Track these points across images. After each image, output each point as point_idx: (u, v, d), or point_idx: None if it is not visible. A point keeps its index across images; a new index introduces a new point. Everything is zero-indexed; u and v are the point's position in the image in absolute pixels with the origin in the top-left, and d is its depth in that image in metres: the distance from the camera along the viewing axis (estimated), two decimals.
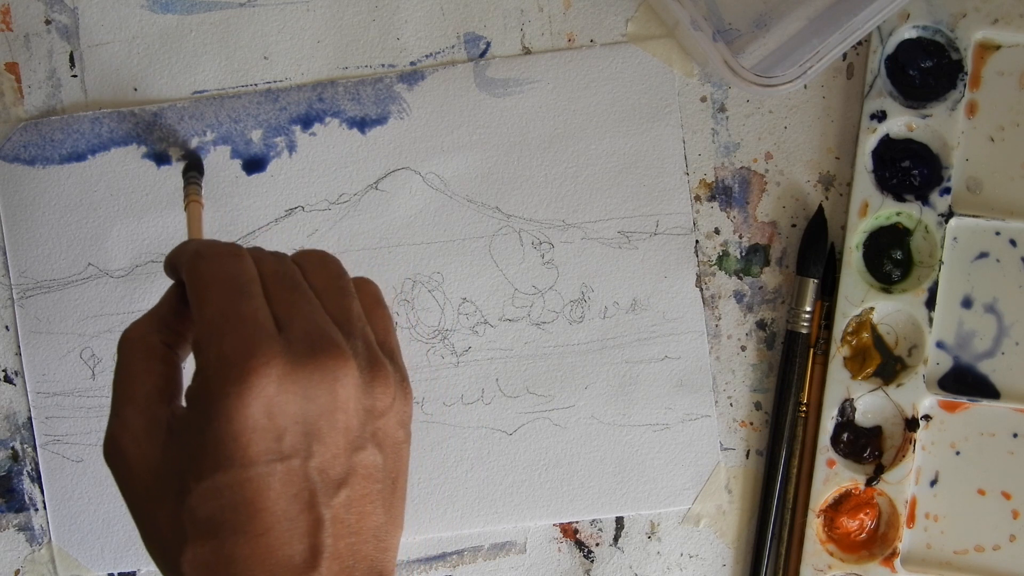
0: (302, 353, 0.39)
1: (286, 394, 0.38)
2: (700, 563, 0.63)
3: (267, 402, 0.38)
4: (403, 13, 0.63)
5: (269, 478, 0.38)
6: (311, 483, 0.39)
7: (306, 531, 0.39)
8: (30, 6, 0.62)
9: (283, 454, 0.38)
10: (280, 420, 0.38)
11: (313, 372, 0.39)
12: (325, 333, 0.40)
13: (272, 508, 0.38)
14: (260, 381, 0.38)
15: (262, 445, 0.38)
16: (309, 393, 0.39)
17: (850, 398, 0.61)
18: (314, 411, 0.39)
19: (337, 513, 0.39)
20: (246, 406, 0.38)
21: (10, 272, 0.62)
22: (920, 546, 0.61)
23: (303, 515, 0.39)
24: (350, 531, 0.40)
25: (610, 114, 0.62)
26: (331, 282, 0.43)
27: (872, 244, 0.62)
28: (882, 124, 0.61)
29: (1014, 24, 0.61)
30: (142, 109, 0.62)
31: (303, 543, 0.39)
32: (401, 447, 0.42)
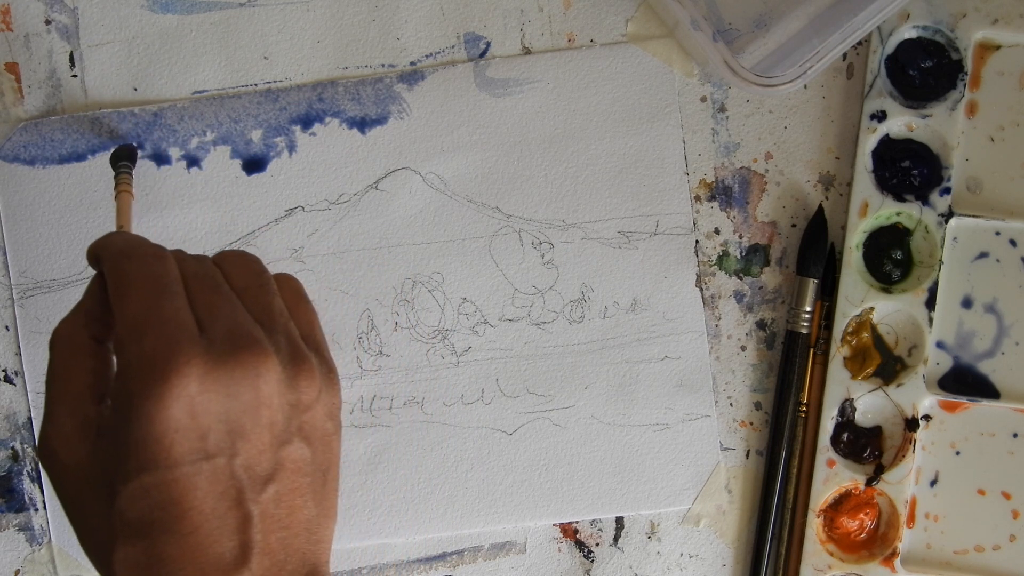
0: (223, 352, 0.39)
1: (208, 393, 0.39)
2: (700, 563, 0.63)
3: (189, 402, 0.38)
4: (403, 13, 0.63)
5: (195, 477, 0.38)
6: (238, 480, 0.39)
7: (235, 528, 0.39)
8: (30, 6, 0.62)
9: (208, 453, 0.39)
10: (203, 419, 0.39)
11: (234, 370, 0.39)
12: (246, 331, 0.40)
13: (199, 507, 0.39)
14: (181, 381, 0.38)
15: (186, 445, 0.38)
16: (231, 391, 0.39)
17: (850, 398, 0.61)
18: (237, 408, 0.39)
19: (266, 508, 0.40)
20: (167, 407, 0.38)
21: (10, 272, 0.62)
22: (920, 546, 0.61)
23: (231, 512, 0.39)
24: (280, 525, 0.40)
25: (610, 114, 0.62)
26: (252, 280, 0.43)
27: (872, 244, 0.62)
28: (882, 124, 0.61)
29: (1014, 24, 0.61)
30: (142, 109, 0.62)
31: (232, 540, 0.39)
32: (330, 439, 0.43)
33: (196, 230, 0.62)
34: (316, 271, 0.62)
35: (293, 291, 0.45)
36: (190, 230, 0.62)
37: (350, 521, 0.62)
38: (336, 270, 0.62)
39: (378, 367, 0.62)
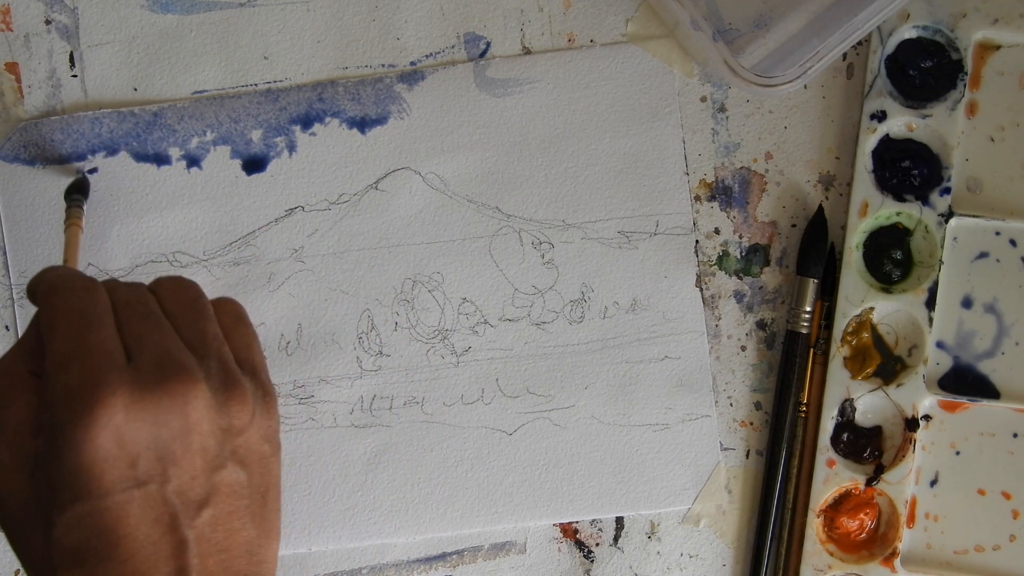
0: (149, 380, 0.40)
1: (136, 422, 0.39)
2: (700, 563, 0.63)
3: (116, 431, 0.39)
4: (403, 13, 0.63)
5: (127, 505, 0.39)
6: (171, 506, 0.40)
7: (171, 553, 0.40)
8: (30, 6, 0.62)
9: (138, 480, 0.39)
10: (131, 447, 0.39)
11: (162, 398, 0.40)
12: (173, 358, 0.41)
13: (134, 534, 0.39)
14: (106, 411, 0.39)
15: (115, 474, 0.39)
16: (160, 418, 0.40)
17: (850, 398, 0.61)
18: (166, 435, 0.40)
19: (202, 533, 0.40)
20: (94, 437, 0.39)
21: (10, 272, 0.62)
22: (920, 546, 0.61)
23: (166, 538, 0.39)
24: (218, 549, 0.41)
25: (610, 114, 0.62)
26: (186, 306, 0.43)
27: (872, 244, 0.62)
28: (882, 124, 0.61)
29: (1014, 24, 0.61)
30: (142, 109, 0.62)
31: (169, 565, 0.39)
32: (268, 461, 0.43)
33: (196, 230, 0.62)
34: (316, 271, 0.62)
35: (232, 314, 0.45)
36: (190, 230, 0.62)
37: (350, 521, 0.62)
38: (336, 270, 0.62)
39: (378, 367, 0.62)
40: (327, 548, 0.62)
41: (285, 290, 0.62)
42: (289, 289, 0.62)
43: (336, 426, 0.62)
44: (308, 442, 0.62)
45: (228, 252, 0.62)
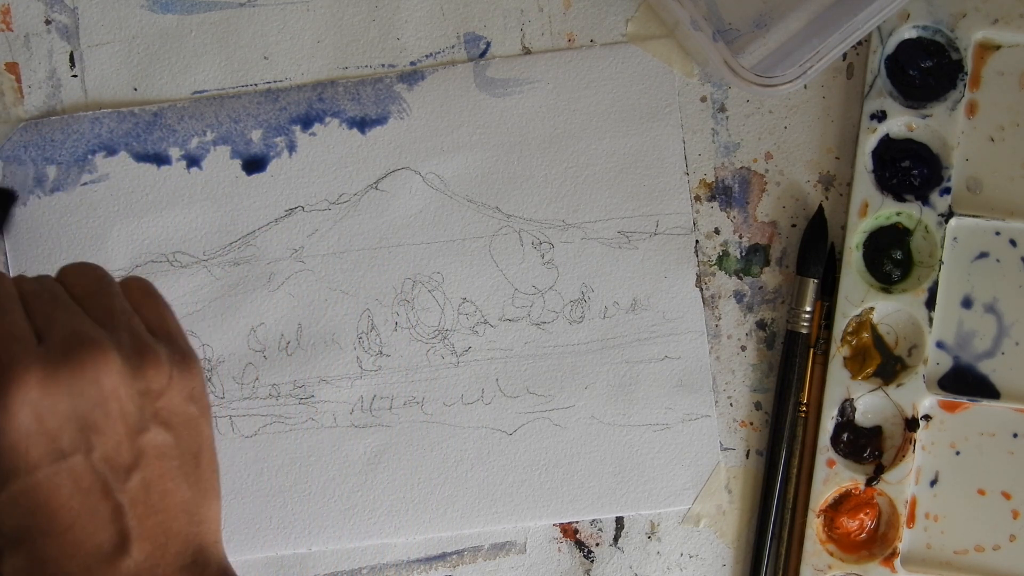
0: (59, 355, 0.41)
1: (52, 396, 0.40)
2: (700, 563, 0.63)
3: (33, 408, 0.40)
4: (403, 13, 0.63)
5: (56, 477, 0.40)
6: (100, 474, 0.41)
7: (108, 518, 0.41)
8: (30, 6, 0.62)
9: (63, 452, 0.40)
10: (51, 422, 0.40)
11: (74, 369, 0.41)
12: (82, 332, 0.42)
13: (69, 504, 0.40)
14: (20, 390, 0.40)
15: (40, 449, 0.40)
16: (75, 390, 0.41)
17: (850, 398, 0.61)
18: (84, 406, 0.41)
19: (135, 496, 0.41)
20: (12, 416, 0.40)
21: (10, 272, 0.62)
22: (920, 546, 0.61)
23: (101, 504, 0.41)
24: (154, 510, 0.42)
25: (610, 114, 0.62)
26: (92, 287, 0.45)
27: (872, 244, 0.62)
28: (882, 124, 0.61)
29: (1014, 24, 0.61)
30: (142, 109, 0.62)
31: (108, 530, 0.41)
32: (195, 421, 0.44)
33: (196, 230, 0.62)
34: (316, 271, 0.62)
35: (140, 289, 0.46)
36: (190, 230, 0.62)
37: (350, 521, 0.62)
38: (336, 270, 0.62)
39: (378, 367, 0.62)
40: (327, 548, 0.62)
41: (285, 290, 0.62)
42: (289, 289, 0.62)
43: (336, 426, 0.62)
44: (308, 442, 0.62)
45: (228, 252, 0.62)
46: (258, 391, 0.62)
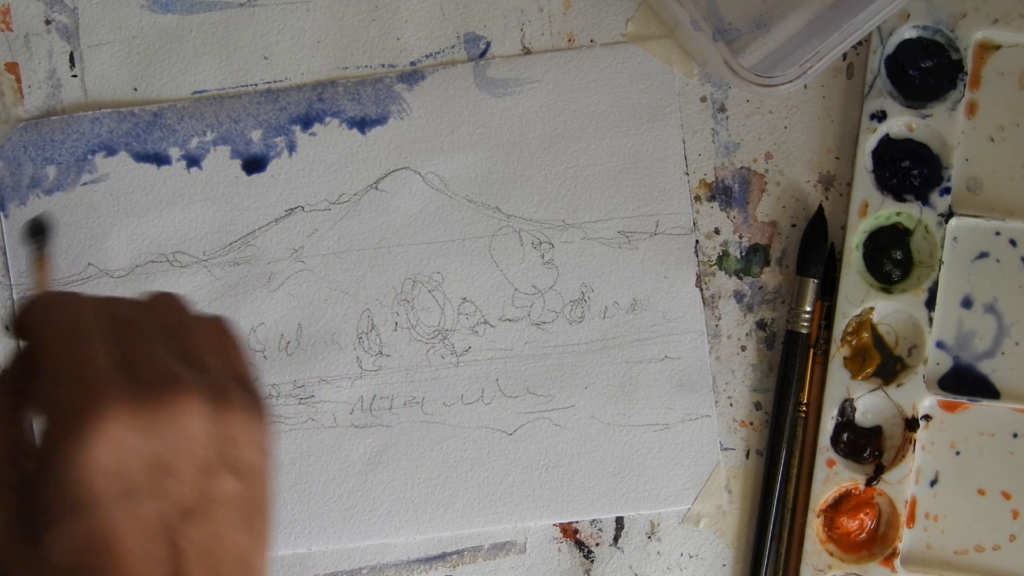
0: (143, 391, 0.40)
1: (128, 432, 0.39)
2: (700, 563, 0.63)
3: (110, 443, 0.39)
4: (403, 13, 0.63)
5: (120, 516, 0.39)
6: (166, 517, 0.40)
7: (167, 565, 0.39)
8: (30, 6, 0.62)
9: (131, 491, 0.39)
10: (125, 458, 0.39)
11: (155, 409, 0.40)
12: (166, 369, 0.41)
13: (129, 547, 0.39)
14: (103, 425, 0.39)
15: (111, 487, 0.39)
16: (153, 429, 0.39)
17: (850, 398, 0.61)
18: (159, 446, 0.40)
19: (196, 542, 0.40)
20: (89, 449, 0.38)
21: (10, 272, 0.62)
22: (920, 546, 0.61)
23: (161, 548, 0.39)
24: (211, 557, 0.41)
25: (610, 114, 0.62)
26: (173, 320, 0.44)
27: (872, 244, 0.62)
28: (882, 124, 0.61)
29: (1014, 24, 0.61)
30: (142, 109, 0.62)
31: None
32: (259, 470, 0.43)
33: (196, 230, 0.62)
34: (316, 271, 0.62)
35: (216, 329, 0.45)
36: (190, 230, 0.62)
37: (350, 521, 0.62)
38: (336, 270, 0.62)
39: (378, 367, 0.62)
40: (327, 548, 0.62)
41: (285, 290, 0.62)
42: (289, 289, 0.62)
43: (336, 426, 0.62)
44: (308, 442, 0.62)
45: (228, 252, 0.62)
46: None
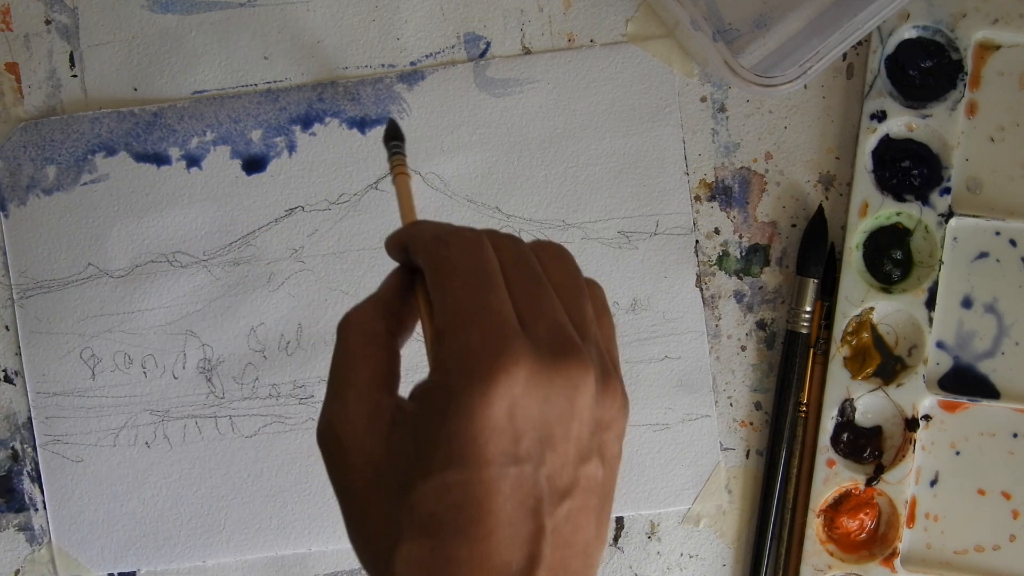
0: (547, 355, 0.37)
1: (529, 397, 0.37)
2: (700, 563, 0.63)
3: (511, 403, 0.37)
4: (403, 13, 0.63)
5: (500, 482, 0.37)
6: (539, 490, 0.37)
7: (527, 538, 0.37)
8: (30, 6, 0.62)
9: (518, 458, 0.37)
10: (520, 423, 0.37)
11: (556, 376, 0.37)
12: (568, 335, 0.38)
13: (498, 512, 0.37)
14: (507, 381, 0.36)
15: (499, 447, 0.37)
16: (550, 398, 0.37)
17: (850, 398, 0.61)
18: (552, 417, 0.38)
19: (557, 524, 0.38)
20: (489, 404, 0.36)
21: (10, 272, 0.62)
22: (920, 546, 0.61)
23: (526, 522, 0.37)
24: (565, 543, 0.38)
25: (610, 114, 0.62)
26: (568, 279, 0.41)
27: (872, 244, 0.62)
28: (882, 124, 0.61)
29: (1014, 24, 0.61)
30: (142, 109, 0.62)
31: (522, 551, 0.37)
32: (616, 462, 0.41)
33: (196, 230, 0.62)
34: (316, 271, 0.62)
35: (599, 300, 0.43)
36: (190, 230, 0.62)
37: None
38: (336, 270, 0.62)
39: None
40: (327, 548, 0.62)
41: (285, 290, 0.62)
42: (289, 289, 0.62)
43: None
44: (308, 442, 0.62)
45: (228, 252, 0.62)
46: (258, 391, 0.62)
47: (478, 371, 0.36)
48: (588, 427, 0.39)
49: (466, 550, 0.37)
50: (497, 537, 0.37)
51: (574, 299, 0.40)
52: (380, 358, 0.40)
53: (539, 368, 0.37)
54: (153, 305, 0.62)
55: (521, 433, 0.37)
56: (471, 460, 0.36)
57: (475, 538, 0.37)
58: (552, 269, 0.41)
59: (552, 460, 0.38)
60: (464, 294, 0.38)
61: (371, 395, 0.39)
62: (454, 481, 0.36)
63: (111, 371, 0.62)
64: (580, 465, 0.39)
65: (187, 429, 0.62)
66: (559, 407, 0.38)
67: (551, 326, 0.38)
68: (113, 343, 0.62)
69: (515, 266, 0.40)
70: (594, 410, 0.39)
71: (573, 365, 0.38)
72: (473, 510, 0.37)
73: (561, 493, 0.38)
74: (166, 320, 0.62)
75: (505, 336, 0.37)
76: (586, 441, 0.39)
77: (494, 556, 0.37)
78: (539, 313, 0.38)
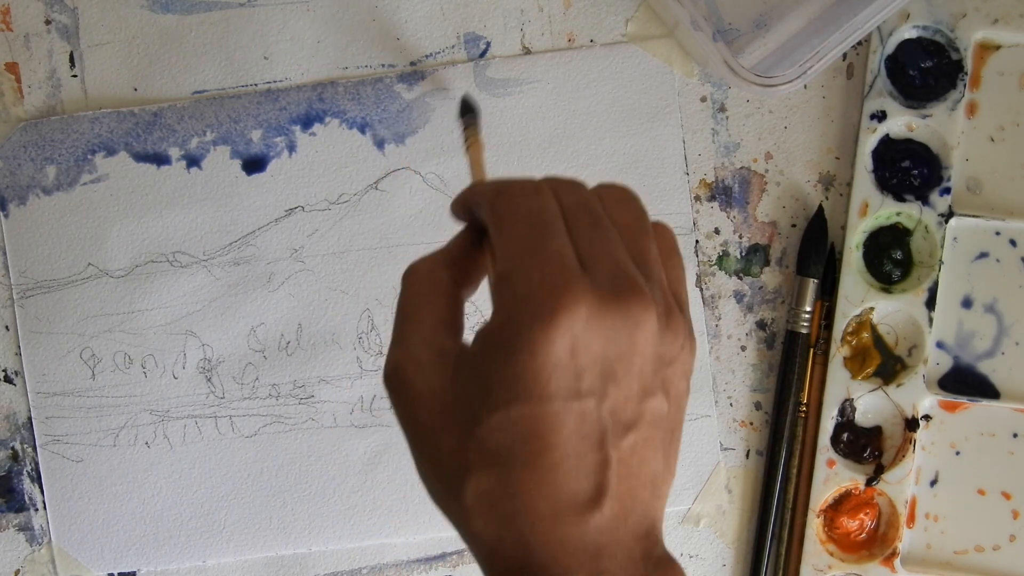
0: (607, 293, 0.39)
1: (589, 334, 0.38)
2: (700, 563, 0.63)
3: (572, 340, 0.38)
4: (403, 13, 0.63)
5: (564, 415, 0.38)
6: (602, 424, 0.39)
7: (593, 469, 0.39)
8: (30, 6, 0.62)
9: (580, 393, 0.38)
10: (581, 359, 0.38)
11: (616, 314, 0.39)
12: (629, 274, 0.40)
13: (563, 444, 0.38)
14: (567, 319, 0.38)
15: (562, 382, 0.38)
16: (611, 335, 0.39)
17: (850, 398, 0.61)
18: (613, 353, 0.39)
19: (623, 456, 0.39)
20: (551, 341, 0.38)
21: (10, 272, 0.62)
22: (920, 546, 0.61)
23: (591, 454, 0.39)
24: (631, 474, 0.40)
25: (610, 114, 0.62)
26: (632, 221, 0.42)
27: (872, 244, 0.62)
28: (882, 124, 0.61)
29: (1014, 24, 0.61)
30: (142, 109, 0.62)
31: (589, 481, 0.39)
32: (682, 398, 0.42)
33: (196, 230, 0.62)
34: (316, 271, 0.62)
35: (668, 240, 0.44)
36: (190, 230, 0.62)
37: (350, 521, 0.62)
38: (336, 270, 0.62)
39: (378, 367, 0.62)
40: (327, 548, 0.62)
41: (285, 290, 0.62)
42: (289, 289, 0.62)
43: (336, 426, 0.62)
44: (308, 442, 0.62)
45: (228, 252, 0.62)
46: (258, 391, 0.62)
47: (539, 311, 0.38)
48: (651, 363, 0.40)
49: (534, 480, 0.38)
50: (563, 468, 0.38)
51: (637, 239, 0.41)
52: (444, 305, 0.42)
53: (599, 306, 0.38)
54: (153, 305, 0.62)
55: (583, 369, 0.38)
56: (535, 395, 0.38)
57: (542, 468, 0.38)
58: (616, 211, 0.42)
59: (615, 394, 0.39)
60: (523, 238, 0.39)
61: (437, 339, 0.41)
62: (519, 415, 0.38)
63: (111, 371, 0.62)
64: (644, 399, 0.40)
65: (187, 429, 0.62)
66: (620, 344, 0.39)
67: (612, 266, 0.39)
68: (113, 343, 0.62)
69: (576, 209, 0.41)
70: (656, 346, 0.40)
71: (634, 303, 0.39)
72: (538, 442, 0.38)
73: (626, 426, 0.39)
74: (166, 320, 0.62)
75: (564, 276, 0.38)
76: (649, 377, 0.40)
77: (561, 486, 0.38)
78: (600, 253, 0.40)
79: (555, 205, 0.41)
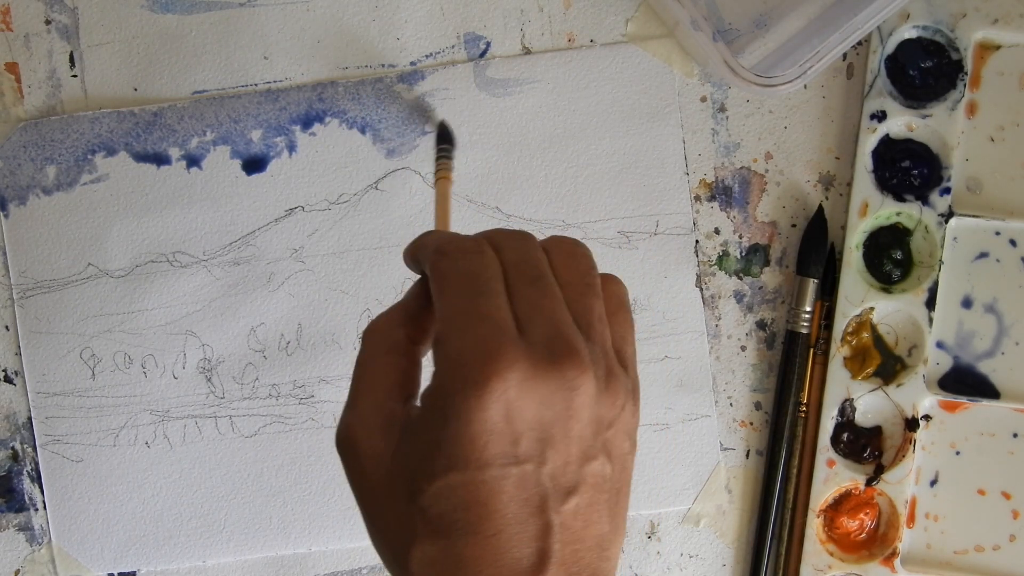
0: (541, 358, 0.38)
1: (524, 399, 0.38)
2: (700, 563, 0.63)
3: (505, 405, 0.38)
4: (403, 13, 0.63)
5: (503, 481, 0.38)
6: (543, 489, 0.39)
7: (535, 535, 0.39)
8: (30, 6, 0.62)
9: (518, 458, 0.38)
10: (517, 424, 0.38)
11: (551, 378, 0.38)
12: (566, 336, 0.39)
13: (503, 511, 0.38)
14: (500, 384, 0.37)
15: (498, 448, 0.38)
16: (546, 400, 0.38)
17: (850, 398, 0.61)
18: (549, 418, 0.39)
19: (565, 520, 0.39)
20: (484, 408, 0.37)
21: (10, 272, 0.62)
22: (920, 546, 0.61)
23: (533, 519, 0.39)
24: (576, 538, 0.40)
25: (610, 114, 0.62)
26: (577, 277, 0.42)
27: (872, 244, 0.62)
28: (882, 124, 0.61)
29: (1014, 24, 0.61)
30: (142, 109, 0.62)
31: (531, 547, 0.39)
32: (627, 458, 0.42)
33: (196, 230, 0.62)
34: (316, 271, 0.62)
35: (616, 297, 0.43)
36: (190, 230, 0.62)
37: (350, 521, 0.62)
38: (336, 270, 0.62)
39: None
40: (327, 548, 0.62)
41: (285, 290, 0.62)
42: (289, 289, 0.62)
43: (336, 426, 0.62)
44: (308, 442, 0.62)
45: (228, 252, 0.62)
46: (258, 391, 0.62)
47: (470, 376, 0.37)
48: (590, 426, 0.40)
49: (476, 548, 0.38)
50: (505, 535, 0.38)
51: (582, 297, 0.41)
52: (398, 367, 0.41)
53: (533, 370, 0.38)
54: (153, 305, 0.62)
55: (519, 434, 0.38)
56: (472, 462, 0.38)
57: (484, 536, 0.38)
58: (562, 266, 0.41)
59: (554, 459, 0.39)
60: (458, 301, 0.39)
61: (387, 404, 0.41)
62: (458, 483, 0.38)
63: (111, 371, 0.62)
64: (585, 463, 0.40)
65: (187, 429, 0.62)
66: (556, 408, 0.39)
67: (549, 327, 0.39)
68: (113, 343, 0.62)
69: (518, 266, 0.40)
70: (594, 409, 0.40)
71: (568, 367, 0.38)
72: (479, 510, 0.38)
73: (567, 490, 0.39)
74: (166, 320, 0.62)
75: (498, 340, 0.38)
76: (589, 440, 0.40)
77: (504, 553, 0.38)
78: (537, 315, 0.39)
79: (496, 264, 0.40)
